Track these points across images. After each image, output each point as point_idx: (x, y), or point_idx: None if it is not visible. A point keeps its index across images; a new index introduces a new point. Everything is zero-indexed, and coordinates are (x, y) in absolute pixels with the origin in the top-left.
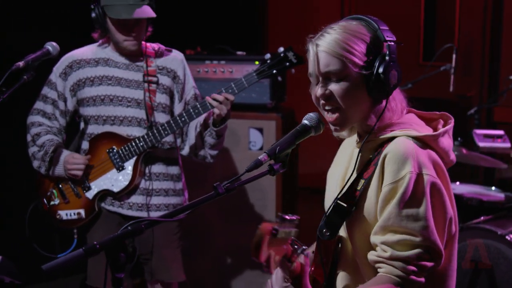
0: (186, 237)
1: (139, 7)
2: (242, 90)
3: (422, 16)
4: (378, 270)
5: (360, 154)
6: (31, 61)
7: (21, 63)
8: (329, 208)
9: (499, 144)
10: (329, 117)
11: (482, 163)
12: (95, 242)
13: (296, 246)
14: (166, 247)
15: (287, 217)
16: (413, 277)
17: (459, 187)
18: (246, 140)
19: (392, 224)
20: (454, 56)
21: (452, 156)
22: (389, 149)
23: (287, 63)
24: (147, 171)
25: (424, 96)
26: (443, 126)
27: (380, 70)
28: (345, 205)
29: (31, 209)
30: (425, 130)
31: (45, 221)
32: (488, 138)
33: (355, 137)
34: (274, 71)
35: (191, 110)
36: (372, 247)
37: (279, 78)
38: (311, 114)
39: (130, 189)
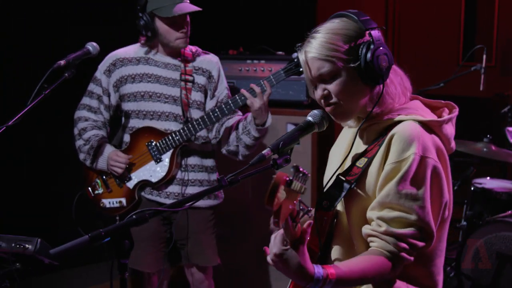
0: (222, 224)
1: (183, 3)
2: (272, 87)
3: (463, 18)
4: (371, 244)
5: (363, 133)
6: (72, 59)
7: (62, 62)
8: (328, 181)
9: None
10: (332, 113)
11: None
12: (101, 230)
13: (301, 207)
14: (201, 233)
15: (301, 169)
16: (404, 254)
17: (489, 182)
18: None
19: (391, 201)
20: (484, 56)
21: (453, 144)
22: (396, 130)
23: None
24: (183, 163)
25: (460, 94)
26: (448, 114)
27: (368, 57)
28: (345, 180)
29: (78, 198)
30: (430, 116)
31: (89, 208)
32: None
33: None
34: (301, 69)
35: (223, 106)
36: (368, 223)
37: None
38: (315, 111)
39: (167, 179)
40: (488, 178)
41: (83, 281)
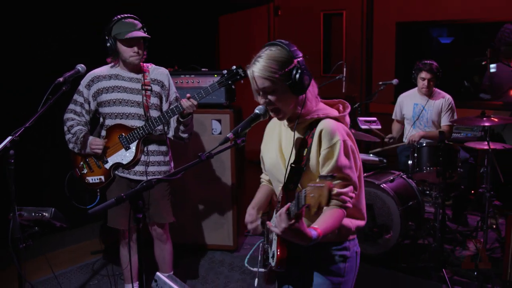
0: (173, 194)
1: (138, 30)
2: (208, 95)
3: (322, 42)
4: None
5: (294, 130)
6: (68, 77)
7: (61, 79)
8: (286, 172)
9: (373, 126)
10: (273, 114)
11: (364, 138)
12: (122, 194)
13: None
14: (160, 200)
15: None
16: (348, 204)
17: None
18: (209, 127)
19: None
20: (344, 69)
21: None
22: (322, 126)
23: (238, 76)
24: (145, 149)
25: (327, 96)
26: (343, 108)
27: (297, 78)
28: (299, 166)
29: (68, 177)
30: (335, 113)
31: (77, 184)
32: (366, 123)
33: (277, 121)
34: (230, 82)
35: (174, 108)
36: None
37: (233, 87)
38: (260, 106)
39: (134, 161)
40: None
41: (77, 238)
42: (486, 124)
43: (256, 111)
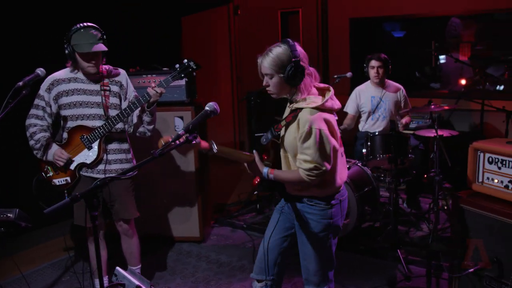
0: (139, 189)
1: (96, 43)
2: (164, 88)
3: (280, 40)
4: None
5: (288, 109)
6: (27, 81)
7: (21, 83)
8: (270, 131)
9: None
10: (270, 94)
11: None
12: (77, 193)
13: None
14: (124, 196)
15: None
16: (308, 177)
17: None
18: (172, 124)
19: (300, 150)
20: None
21: (335, 106)
22: (300, 116)
23: (190, 69)
24: (107, 148)
25: None
26: (326, 93)
27: (289, 74)
28: (276, 130)
29: (35, 180)
30: (318, 101)
31: (45, 186)
32: None
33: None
34: (182, 75)
35: (131, 105)
36: (293, 150)
37: (185, 79)
38: (210, 103)
39: (98, 160)
40: None
41: (45, 238)
42: (434, 111)
43: (207, 108)
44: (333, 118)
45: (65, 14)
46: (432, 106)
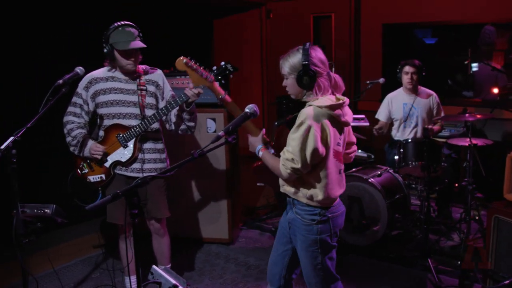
0: (168, 189)
1: (134, 40)
2: (201, 89)
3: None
4: None
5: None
6: (67, 79)
7: (60, 81)
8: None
9: (362, 123)
10: (289, 94)
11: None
12: (118, 191)
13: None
14: (157, 195)
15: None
16: (285, 169)
17: None
18: (205, 126)
19: (287, 141)
20: (333, 69)
21: (344, 119)
22: (303, 109)
23: (227, 71)
24: (142, 147)
25: None
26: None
27: (299, 76)
28: (287, 118)
29: (71, 177)
30: (327, 102)
31: (80, 183)
32: (355, 120)
33: None
34: (220, 77)
35: (168, 105)
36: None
37: (223, 81)
38: (250, 105)
39: (133, 159)
40: None
41: (79, 233)
42: (469, 119)
43: (246, 110)
44: (333, 128)
45: (98, 12)
46: (467, 115)
